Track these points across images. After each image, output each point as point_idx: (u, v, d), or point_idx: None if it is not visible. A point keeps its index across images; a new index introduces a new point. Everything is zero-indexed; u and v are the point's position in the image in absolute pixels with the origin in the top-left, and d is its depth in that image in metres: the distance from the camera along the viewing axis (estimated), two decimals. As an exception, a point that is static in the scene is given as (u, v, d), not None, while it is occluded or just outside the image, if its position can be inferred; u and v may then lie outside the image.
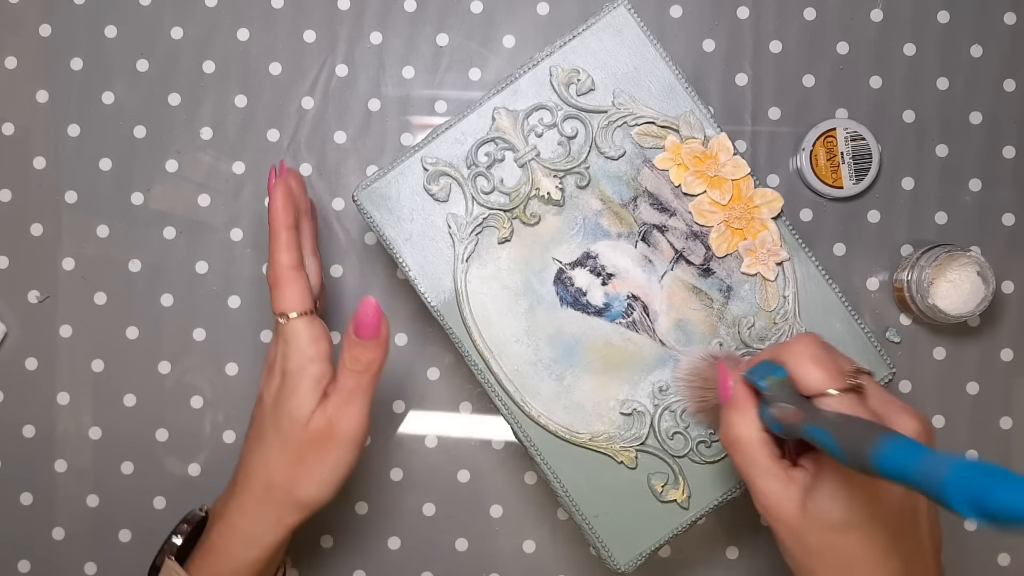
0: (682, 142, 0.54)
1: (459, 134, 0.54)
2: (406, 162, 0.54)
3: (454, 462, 0.63)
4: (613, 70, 0.54)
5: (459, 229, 0.54)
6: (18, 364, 0.63)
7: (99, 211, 0.63)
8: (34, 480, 0.62)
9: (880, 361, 0.54)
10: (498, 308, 0.54)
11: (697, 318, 0.54)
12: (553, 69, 0.54)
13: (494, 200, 0.54)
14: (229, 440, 0.63)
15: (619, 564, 0.54)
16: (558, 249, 0.54)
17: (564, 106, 0.54)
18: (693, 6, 0.64)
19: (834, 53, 0.63)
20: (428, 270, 0.54)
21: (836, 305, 0.54)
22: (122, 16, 0.64)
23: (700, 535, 0.63)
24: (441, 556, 0.63)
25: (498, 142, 0.54)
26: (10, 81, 0.64)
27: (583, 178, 0.54)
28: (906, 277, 0.60)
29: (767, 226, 0.54)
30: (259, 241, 0.63)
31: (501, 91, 0.54)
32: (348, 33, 0.64)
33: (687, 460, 0.54)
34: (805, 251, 0.54)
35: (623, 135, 0.54)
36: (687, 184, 0.54)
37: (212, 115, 0.64)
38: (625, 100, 0.54)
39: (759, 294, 0.54)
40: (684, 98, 0.54)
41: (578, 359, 0.54)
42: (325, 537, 0.63)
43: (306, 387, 0.50)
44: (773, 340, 0.54)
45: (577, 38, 0.54)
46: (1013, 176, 0.63)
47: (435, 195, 0.54)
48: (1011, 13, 0.64)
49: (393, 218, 0.54)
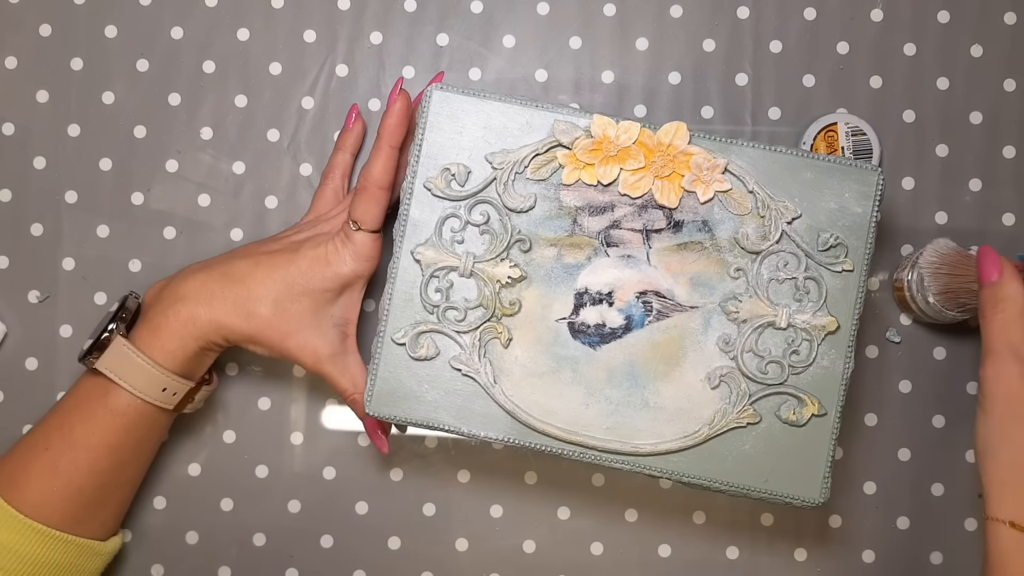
0: (571, 149, 0.54)
1: (402, 295, 0.54)
2: (381, 352, 0.54)
3: (454, 462, 0.63)
4: (471, 143, 0.54)
5: (468, 365, 0.54)
6: (18, 364, 0.63)
7: (99, 211, 0.63)
8: (34, 480, 0.62)
9: (862, 170, 0.54)
10: (550, 395, 0.54)
11: (701, 266, 0.54)
12: (427, 184, 0.54)
13: (473, 319, 0.54)
14: (229, 440, 0.63)
15: (814, 500, 0.54)
16: (553, 310, 0.54)
17: (460, 203, 0.54)
18: (693, 6, 0.64)
19: (834, 53, 0.63)
20: (474, 417, 0.54)
21: (792, 161, 0.54)
22: (122, 16, 0.64)
23: (700, 535, 0.63)
24: (441, 556, 0.63)
25: (436, 275, 0.54)
26: (10, 81, 0.64)
27: (524, 243, 0.54)
28: (906, 276, 0.60)
29: (690, 152, 0.54)
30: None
31: (404, 236, 0.54)
32: (348, 33, 0.64)
33: (792, 378, 0.54)
34: (734, 143, 0.54)
35: (522, 185, 0.54)
36: (602, 176, 0.54)
37: (212, 115, 0.64)
38: (500, 157, 0.54)
39: (731, 207, 0.54)
40: (542, 115, 0.54)
41: (643, 378, 0.54)
42: (325, 537, 0.63)
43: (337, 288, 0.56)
44: (772, 232, 0.53)
45: (424, 145, 0.54)
46: (1013, 176, 0.63)
47: (427, 356, 0.54)
48: (1011, 13, 0.64)
49: (412, 404, 0.54)
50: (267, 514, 0.63)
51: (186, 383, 0.56)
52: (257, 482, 0.63)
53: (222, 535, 0.63)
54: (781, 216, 0.54)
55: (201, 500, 0.63)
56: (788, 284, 0.54)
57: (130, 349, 0.54)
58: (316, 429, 0.63)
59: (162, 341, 0.54)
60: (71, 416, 0.55)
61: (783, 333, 0.54)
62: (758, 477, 0.54)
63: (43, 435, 0.55)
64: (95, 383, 0.55)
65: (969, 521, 0.63)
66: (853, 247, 0.54)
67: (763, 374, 0.54)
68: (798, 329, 0.54)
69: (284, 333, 0.55)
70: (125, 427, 0.55)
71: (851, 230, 0.54)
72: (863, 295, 0.54)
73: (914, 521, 0.62)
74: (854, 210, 0.54)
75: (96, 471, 0.55)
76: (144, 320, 0.56)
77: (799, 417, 0.54)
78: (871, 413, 0.63)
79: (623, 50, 0.64)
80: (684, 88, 0.64)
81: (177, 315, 0.55)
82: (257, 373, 0.63)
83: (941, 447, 0.63)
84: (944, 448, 0.63)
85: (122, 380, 0.54)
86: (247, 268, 0.56)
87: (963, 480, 0.63)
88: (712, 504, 0.63)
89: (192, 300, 0.55)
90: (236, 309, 0.55)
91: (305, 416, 0.63)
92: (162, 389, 0.55)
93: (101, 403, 0.55)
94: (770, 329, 0.54)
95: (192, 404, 0.58)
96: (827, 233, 0.53)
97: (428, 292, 0.54)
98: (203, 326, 0.55)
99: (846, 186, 0.54)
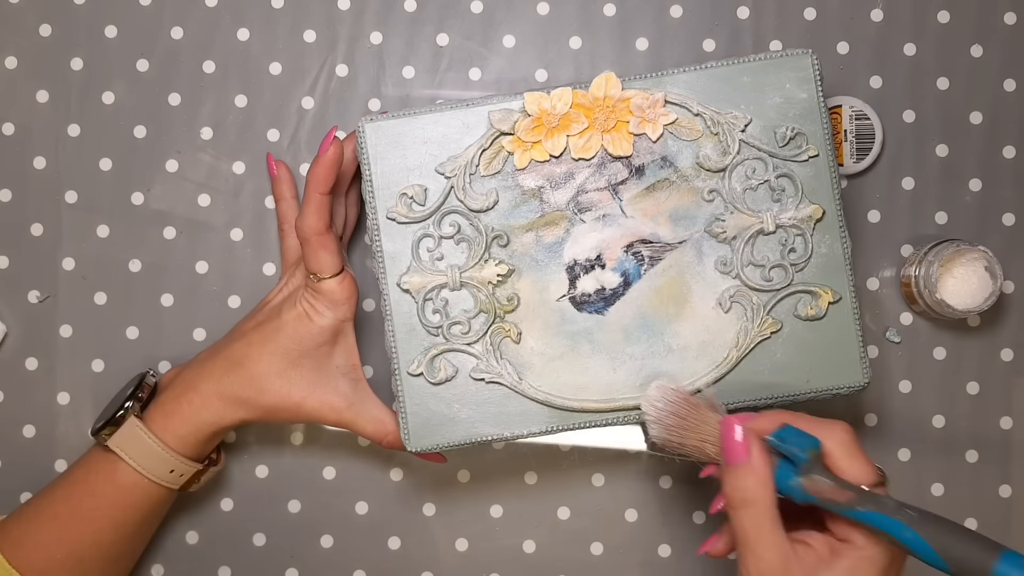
0: (513, 134, 0.54)
1: (403, 328, 0.54)
2: (403, 388, 0.54)
3: (454, 462, 0.63)
4: (418, 162, 0.54)
5: (489, 372, 0.54)
6: (18, 364, 0.63)
7: (99, 211, 0.63)
8: (34, 480, 0.62)
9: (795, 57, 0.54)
10: (577, 372, 0.54)
11: (675, 202, 0.54)
12: (390, 213, 0.54)
13: (478, 327, 0.54)
14: (229, 440, 0.63)
15: (859, 383, 0.54)
16: (551, 292, 0.54)
17: (427, 221, 0.54)
18: (693, 6, 0.64)
19: (835, 53, 0.63)
20: (512, 419, 0.54)
21: (725, 72, 0.54)
22: (122, 16, 0.64)
23: (700, 535, 0.63)
24: (441, 556, 0.63)
25: (429, 297, 0.54)
26: (10, 81, 0.64)
27: (501, 238, 0.54)
28: (913, 272, 0.60)
29: (627, 97, 0.54)
30: (259, 241, 0.63)
31: (384, 272, 0.54)
32: (348, 33, 0.64)
33: (798, 276, 0.54)
34: (665, 74, 0.54)
35: (480, 184, 0.54)
36: (552, 149, 0.54)
37: (212, 115, 0.64)
38: (449, 165, 0.54)
39: (683, 135, 0.54)
40: (474, 112, 0.54)
41: (658, 325, 0.54)
42: (325, 537, 0.63)
43: (329, 339, 0.55)
44: (731, 146, 0.54)
45: (373, 177, 0.54)
46: (1013, 176, 0.63)
47: (447, 378, 0.54)
48: (1011, 13, 0.64)
49: (449, 427, 0.54)
50: (267, 514, 0.63)
51: (194, 465, 0.56)
52: (257, 482, 0.63)
53: (222, 535, 0.63)
54: (733, 127, 0.54)
55: (201, 500, 0.63)
56: (762, 188, 0.54)
57: (142, 430, 0.55)
58: (316, 429, 0.63)
59: (174, 426, 0.55)
60: (78, 487, 0.56)
61: (774, 236, 0.54)
62: (799, 379, 0.54)
63: (50, 504, 0.56)
64: (104, 458, 0.56)
65: (970, 521, 0.63)
66: (811, 132, 0.54)
67: (768, 281, 0.54)
68: (787, 227, 0.54)
69: (297, 401, 0.55)
70: (131, 504, 0.56)
71: (804, 117, 0.54)
72: (836, 174, 0.54)
73: (914, 521, 0.62)
74: (799, 96, 0.54)
75: (99, 543, 0.56)
76: (157, 404, 0.56)
77: (817, 310, 0.54)
78: (871, 413, 0.63)
79: (623, 50, 0.64)
80: (684, 88, 0.64)
81: (190, 403, 0.55)
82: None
83: (941, 447, 0.63)
84: (944, 448, 0.63)
85: (131, 459, 0.55)
86: (243, 349, 0.56)
87: (963, 480, 0.63)
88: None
89: (204, 389, 0.56)
90: (245, 391, 0.55)
91: (305, 416, 0.63)
92: (170, 471, 0.55)
93: (109, 479, 0.55)
94: (761, 236, 0.54)
95: (197, 484, 0.58)
96: (782, 128, 0.54)
97: (427, 316, 0.54)
98: (217, 412, 0.55)
99: (785, 77, 0.54)
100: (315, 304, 0.55)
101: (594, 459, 0.63)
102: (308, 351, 0.55)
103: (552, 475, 0.63)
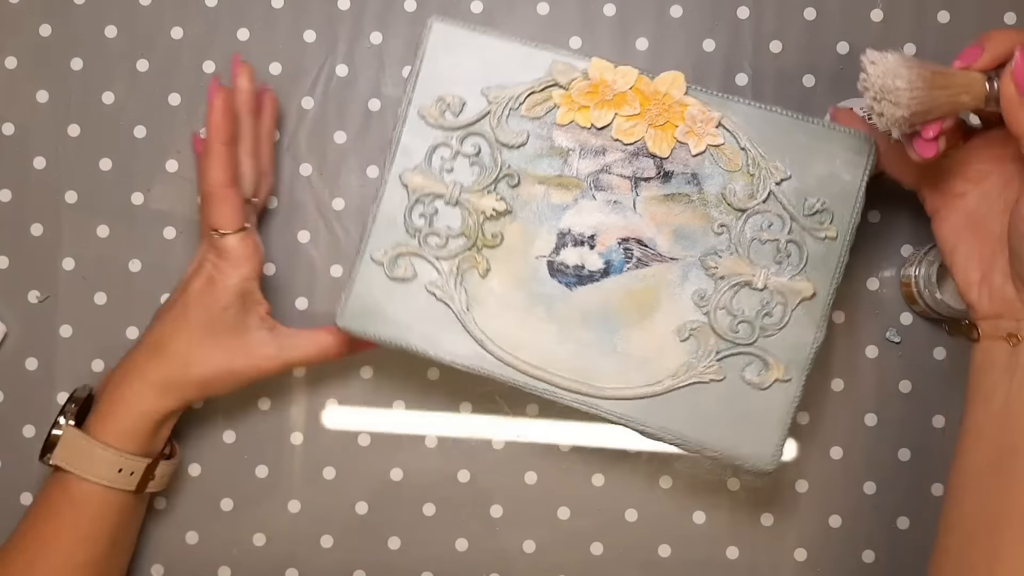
0: (567, 90, 0.54)
1: (386, 217, 0.54)
2: (360, 268, 0.54)
3: (454, 462, 0.63)
4: (468, 77, 0.54)
5: (443, 291, 0.54)
6: (18, 364, 0.63)
7: (99, 211, 0.63)
8: (34, 480, 0.62)
9: (855, 138, 0.54)
10: (522, 329, 0.54)
11: (686, 219, 0.54)
12: (421, 112, 0.54)
13: (454, 247, 0.54)
14: (229, 440, 0.63)
15: (765, 466, 0.54)
16: (535, 247, 0.54)
17: (453, 133, 0.54)
18: (693, 6, 0.64)
19: (834, 53, 0.64)
20: (443, 341, 0.54)
21: (788, 123, 0.54)
22: (122, 16, 0.64)
23: (700, 534, 0.63)
24: (441, 556, 0.63)
25: (423, 200, 0.54)
26: (10, 81, 0.64)
27: (512, 178, 0.54)
28: (913, 272, 0.60)
29: (686, 103, 0.54)
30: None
31: (393, 160, 0.54)
32: (348, 33, 0.64)
33: (761, 340, 0.54)
34: (730, 99, 0.54)
35: (516, 120, 0.54)
36: (597, 119, 0.54)
37: (212, 115, 0.64)
38: (496, 92, 0.54)
39: (722, 162, 0.54)
40: (541, 55, 0.54)
41: (616, 323, 0.54)
42: (325, 537, 0.63)
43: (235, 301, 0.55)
44: (760, 191, 0.53)
45: (420, 74, 0.54)
46: (1013, 176, 0.63)
47: (403, 278, 0.54)
48: (1011, 13, 0.64)
49: (384, 321, 0.54)
50: (267, 514, 0.63)
51: (141, 460, 0.55)
52: (257, 482, 0.63)
53: (222, 535, 0.63)
54: (770, 176, 0.54)
55: (201, 500, 0.63)
56: (770, 245, 0.54)
57: (80, 436, 0.54)
58: (316, 429, 0.63)
59: (113, 425, 0.54)
60: (39, 515, 0.55)
61: (759, 294, 0.54)
62: (712, 435, 0.54)
63: (19, 539, 0.55)
64: (56, 479, 0.55)
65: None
66: (839, 215, 0.54)
67: (733, 332, 0.54)
68: (774, 291, 0.54)
69: (225, 365, 0.55)
70: (92, 517, 0.55)
71: (839, 197, 0.54)
72: (844, 264, 0.54)
73: (914, 521, 0.62)
74: (843, 178, 0.54)
75: (73, 565, 0.55)
76: (94, 409, 0.56)
77: (763, 380, 0.54)
78: (871, 413, 0.63)
79: (623, 50, 0.64)
80: (684, 88, 0.64)
81: (123, 398, 0.55)
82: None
83: (941, 447, 0.63)
84: (944, 448, 0.63)
85: (76, 469, 0.54)
86: (159, 331, 0.56)
87: (963, 480, 0.63)
88: (712, 504, 0.63)
89: (132, 381, 0.55)
90: (172, 372, 0.55)
91: (305, 416, 0.63)
92: (118, 470, 0.54)
93: (64, 497, 0.55)
94: (746, 288, 0.54)
95: (156, 482, 0.57)
96: (814, 198, 0.53)
97: (412, 216, 0.54)
98: (150, 400, 0.55)
99: (838, 153, 0.53)
100: (219, 264, 0.55)
101: (594, 459, 0.63)
102: (218, 316, 0.55)
103: (552, 475, 0.63)
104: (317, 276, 0.63)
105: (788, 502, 0.63)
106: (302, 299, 0.63)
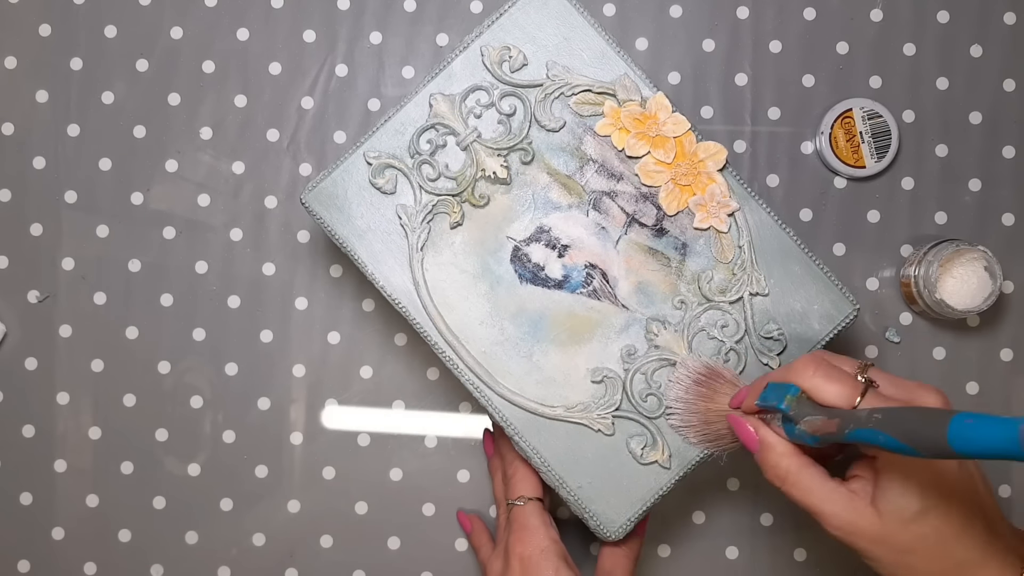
0: (620, 106, 0.54)
1: (399, 125, 0.54)
2: (349, 159, 0.54)
3: (454, 462, 0.63)
4: (544, 43, 0.54)
5: (410, 219, 0.54)
6: (18, 364, 0.63)
7: (99, 211, 0.63)
8: (34, 480, 0.62)
9: (842, 298, 0.54)
10: (458, 293, 0.54)
11: (656, 279, 0.54)
12: (484, 49, 0.54)
13: (441, 186, 0.54)
14: (229, 440, 0.63)
15: (608, 532, 0.54)
16: (511, 227, 0.54)
17: (499, 84, 0.54)
18: (693, 6, 0.64)
19: (834, 53, 0.63)
20: (384, 264, 0.54)
21: (792, 249, 0.54)
22: (122, 16, 0.64)
23: (700, 535, 0.63)
24: (441, 556, 0.63)
25: (438, 128, 0.54)
26: (10, 81, 0.64)
27: (527, 154, 0.54)
28: (913, 272, 0.60)
29: (714, 179, 0.54)
30: (258, 241, 0.63)
31: (435, 77, 0.54)
32: (348, 33, 0.64)
33: (663, 420, 0.54)
34: (755, 199, 0.54)
35: (561, 106, 0.54)
36: (630, 147, 0.54)
37: (212, 115, 0.64)
38: (559, 71, 0.54)
39: (715, 247, 0.54)
40: (617, 62, 0.54)
41: (544, 334, 0.54)
42: (325, 537, 0.63)
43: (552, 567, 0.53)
44: (733, 291, 0.54)
45: (505, 15, 0.54)
46: (1013, 176, 0.63)
47: (382, 188, 0.54)
48: (1011, 13, 0.64)
49: (343, 217, 0.54)
50: (267, 514, 0.63)
51: None
52: (257, 482, 0.63)
53: (222, 535, 0.63)
54: (750, 284, 0.54)
55: (201, 500, 0.63)
56: (715, 343, 0.54)
57: None
58: (316, 429, 0.63)
59: None
60: None
61: None
62: (576, 479, 0.54)
63: None
64: None
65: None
66: (789, 353, 0.54)
67: (642, 400, 0.54)
68: None
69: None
70: None
71: (799, 340, 0.54)
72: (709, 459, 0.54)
73: (914, 521, 0.62)
74: (812, 324, 0.54)
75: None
76: None
77: (644, 455, 0.54)
78: (871, 413, 0.63)
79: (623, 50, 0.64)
80: (684, 88, 0.64)
81: None
82: (256, 372, 0.63)
83: (941, 447, 0.62)
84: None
85: None
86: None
87: (963, 480, 0.63)
88: (712, 504, 0.63)
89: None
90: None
91: (305, 416, 0.63)
92: None
93: None
94: (672, 369, 0.54)
95: None
96: (776, 325, 0.54)
97: (420, 138, 0.54)
98: None
99: (821, 300, 0.54)
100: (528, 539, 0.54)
101: (594, 459, 0.63)
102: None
103: (552, 475, 0.63)
104: (317, 276, 0.63)
105: (787, 502, 0.63)
106: (302, 299, 0.63)
